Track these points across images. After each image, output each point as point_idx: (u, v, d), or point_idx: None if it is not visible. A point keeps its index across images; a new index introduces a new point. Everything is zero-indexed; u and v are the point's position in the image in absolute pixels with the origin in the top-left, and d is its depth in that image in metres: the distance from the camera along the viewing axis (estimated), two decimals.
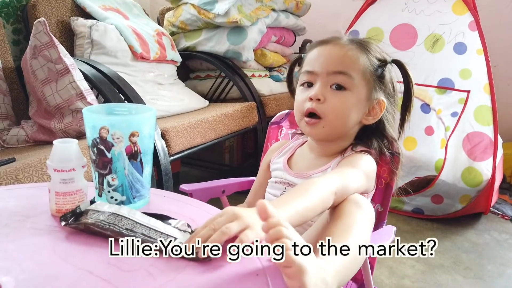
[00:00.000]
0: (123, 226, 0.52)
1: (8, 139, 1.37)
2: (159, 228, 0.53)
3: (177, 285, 0.43)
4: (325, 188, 0.63)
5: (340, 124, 0.79)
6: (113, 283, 0.43)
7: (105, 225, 0.52)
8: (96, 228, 0.52)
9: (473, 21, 1.80)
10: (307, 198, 0.61)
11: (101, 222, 0.52)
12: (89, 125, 0.58)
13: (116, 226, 0.52)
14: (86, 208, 0.56)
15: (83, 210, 0.56)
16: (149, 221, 0.54)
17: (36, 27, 1.28)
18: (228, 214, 0.51)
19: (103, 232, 0.51)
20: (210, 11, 2.09)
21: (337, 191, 0.64)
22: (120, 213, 0.55)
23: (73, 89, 1.26)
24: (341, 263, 0.55)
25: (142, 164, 0.61)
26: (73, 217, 0.55)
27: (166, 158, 1.36)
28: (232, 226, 0.49)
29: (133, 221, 0.54)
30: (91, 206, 0.57)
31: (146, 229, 0.52)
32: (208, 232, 0.49)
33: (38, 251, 0.49)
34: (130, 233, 0.51)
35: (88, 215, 0.54)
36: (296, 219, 0.57)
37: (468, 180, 1.71)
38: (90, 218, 0.53)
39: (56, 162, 0.57)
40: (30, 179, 0.94)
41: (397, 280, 1.34)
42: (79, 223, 0.53)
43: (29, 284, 0.42)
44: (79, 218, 0.54)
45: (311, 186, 0.63)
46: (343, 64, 0.78)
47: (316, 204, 0.61)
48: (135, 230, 0.52)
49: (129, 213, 0.55)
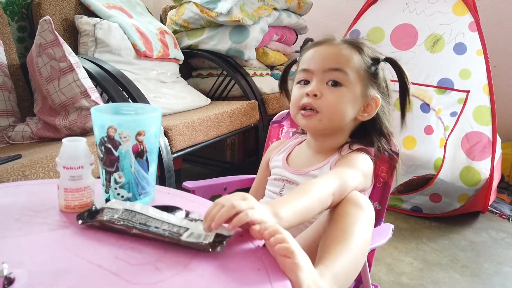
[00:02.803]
0: (137, 221, 0.54)
1: (13, 135, 1.39)
2: (172, 221, 0.55)
3: (183, 279, 0.45)
4: (323, 189, 0.66)
5: (336, 119, 0.81)
6: (121, 276, 0.45)
7: (119, 221, 0.54)
8: (110, 224, 0.54)
9: (473, 21, 1.81)
10: (306, 199, 0.63)
11: (115, 219, 0.55)
12: (97, 124, 0.60)
13: (130, 222, 0.54)
14: (101, 207, 0.58)
15: (98, 208, 0.58)
16: (161, 215, 0.57)
17: (42, 25, 1.30)
18: (238, 195, 0.55)
19: (118, 227, 0.53)
20: (213, 9, 2.11)
21: (335, 192, 0.66)
22: (134, 209, 0.57)
23: (78, 87, 1.28)
24: (340, 267, 0.57)
25: (147, 162, 0.63)
26: (89, 215, 0.57)
27: (168, 156, 1.38)
28: (242, 203, 0.52)
29: (146, 216, 0.56)
30: (106, 204, 0.59)
31: (159, 223, 0.55)
32: (218, 209, 0.52)
33: (49, 245, 0.51)
34: (144, 227, 0.53)
35: (104, 213, 0.56)
36: (295, 218, 0.59)
37: (466, 179, 1.72)
38: (105, 215, 0.56)
39: (65, 160, 0.59)
40: (36, 176, 0.96)
41: (395, 277, 1.37)
42: (94, 221, 0.55)
43: (41, 277, 0.44)
44: (95, 216, 0.56)
45: (310, 187, 0.65)
46: (338, 61, 0.80)
47: (315, 205, 0.63)
48: (149, 224, 0.54)
49: (142, 208, 0.57)
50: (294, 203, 0.61)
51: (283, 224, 0.55)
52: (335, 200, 0.67)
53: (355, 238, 0.62)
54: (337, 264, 0.57)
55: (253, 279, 0.46)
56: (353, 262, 0.60)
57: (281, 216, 0.57)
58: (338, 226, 0.64)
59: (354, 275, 0.61)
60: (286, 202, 0.61)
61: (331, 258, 0.58)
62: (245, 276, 0.46)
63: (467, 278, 1.38)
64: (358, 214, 0.65)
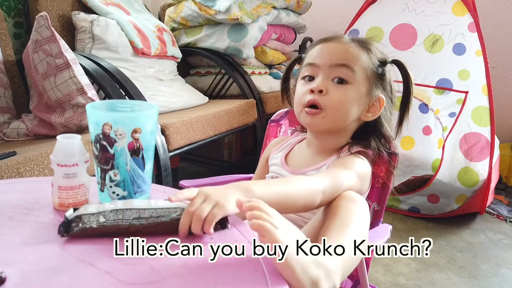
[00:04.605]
0: (130, 217, 0.52)
1: (9, 132, 1.38)
2: (163, 205, 0.54)
3: (178, 278, 0.44)
4: (311, 184, 0.65)
5: (341, 117, 0.80)
6: (115, 276, 0.44)
7: (112, 223, 0.51)
8: (104, 230, 0.51)
9: (473, 22, 1.81)
10: (288, 186, 0.63)
11: (106, 222, 0.51)
12: (92, 121, 0.59)
13: (124, 220, 0.52)
14: (76, 215, 0.52)
15: (70, 219, 0.52)
16: (149, 203, 0.54)
17: (38, 21, 1.28)
18: (200, 196, 0.53)
19: (112, 231, 0.51)
20: (211, 7, 2.10)
21: (326, 190, 0.66)
22: (118, 207, 0.53)
23: (74, 84, 1.26)
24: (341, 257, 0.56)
25: (143, 160, 0.62)
26: (65, 227, 0.52)
27: (165, 154, 1.37)
28: (204, 208, 0.51)
29: (136, 209, 0.53)
30: (80, 211, 0.53)
31: (152, 211, 0.53)
32: (187, 219, 0.51)
33: (42, 243, 0.50)
34: (142, 221, 0.52)
35: (84, 220, 0.51)
36: (269, 199, 0.57)
37: (464, 180, 1.72)
38: (89, 222, 0.51)
39: (60, 157, 0.58)
40: (31, 173, 0.95)
41: (392, 277, 1.36)
42: (82, 229, 0.51)
43: (33, 276, 0.43)
44: (70, 226, 0.51)
45: (296, 178, 0.65)
46: (346, 57, 0.79)
47: (296, 194, 0.63)
48: (143, 216, 0.52)
49: (126, 204, 0.54)
50: (273, 186, 0.62)
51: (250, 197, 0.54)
52: (326, 198, 0.66)
53: (353, 227, 0.61)
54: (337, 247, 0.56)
55: (250, 279, 0.45)
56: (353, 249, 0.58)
57: (253, 190, 0.57)
58: (334, 218, 0.63)
59: (357, 260, 0.60)
60: (264, 183, 0.61)
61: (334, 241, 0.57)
62: (242, 276, 0.46)
63: (464, 279, 1.37)
64: (352, 207, 0.65)
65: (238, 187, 0.57)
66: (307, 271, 0.47)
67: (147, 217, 0.52)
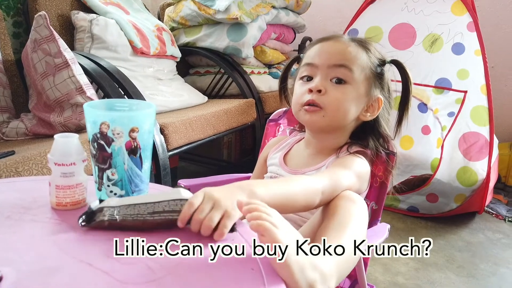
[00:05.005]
0: (145, 212, 0.52)
1: (8, 131, 1.38)
2: (172, 196, 0.54)
3: (175, 278, 0.44)
4: (311, 184, 0.65)
5: (340, 117, 0.80)
6: (112, 275, 0.44)
7: (128, 217, 0.52)
8: (121, 224, 0.52)
9: (472, 22, 1.81)
10: (288, 186, 0.63)
11: (124, 216, 0.53)
12: (90, 120, 0.59)
13: (139, 215, 0.52)
14: (98, 207, 0.55)
15: (94, 210, 0.55)
16: (158, 197, 0.54)
17: (37, 20, 1.28)
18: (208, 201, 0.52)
19: (129, 225, 0.52)
20: (211, 7, 2.10)
21: (325, 190, 0.66)
22: (131, 202, 0.54)
23: (73, 83, 1.26)
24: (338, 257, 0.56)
25: (141, 159, 0.62)
26: (88, 217, 0.54)
27: (164, 153, 1.37)
28: (213, 217, 0.51)
29: (151, 203, 0.53)
30: (104, 203, 0.55)
31: (165, 203, 0.53)
32: (196, 227, 0.51)
33: (39, 243, 0.50)
34: (156, 216, 0.52)
35: (104, 212, 0.53)
36: (272, 200, 0.58)
37: (463, 179, 1.72)
38: (109, 215, 0.53)
39: (57, 156, 0.58)
40: (29, 172, 0.95)
41: (391, 277, 1.36)
42: (101, 221, 0.53)
43: (30, 275, 0.43)
44: (93, 217, 0.54)
45: (296, 178, 0.65)
46: (344, 57, 0.79)
47: (296, 195, 0.63)
48: (157, 210, 0.52)
49: (135, 200, 0.55)
50: (273, 185, 0.61)
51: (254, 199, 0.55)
52: (325, 198, 0.66)
53: (351, 227, 0.61)
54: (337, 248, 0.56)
55: (247, 278, 0.45)
56: (352, 249, 0.58)
57: (256, 192, 0.57)
58: (332, 218, 0.63)
59: (354, 262, 0.60)
60: (264, 184, 0.61)
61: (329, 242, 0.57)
62: (239, 276, 0.46)
63: (463, 278, 1.38)
64: (351, 207, 0.65)
65: (242, 189, 0.57)
66: (305, 273, 0.47)
67: (160, 211, 0.53)
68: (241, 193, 0.56)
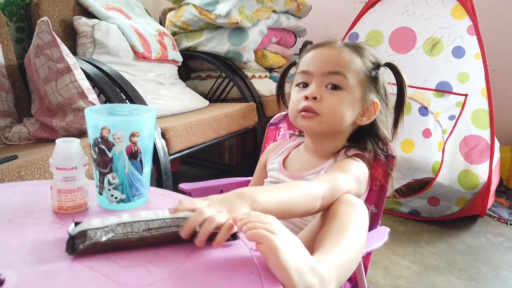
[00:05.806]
0: (140, 229, 0.50)
1: (10, 136, 1.39)
2: (171, 215, 0.53)
3: (174, 281, 0.45)
4: (311, 189, 0.65)
5: (336, 122, 0.81)
6: (112, 278, 0.45)
7: (122, 236, 0.49)
8: (114, 244, 0.49)
9: (472, 25, 1.81)
10: (290, 193, 0.63)
11: (116, 236, 0.49)
12: (91, 125, 0.60)
13: (134, 233, 0.50)
14: (80, 230, 0.49)
15: (73, 235, 0.49)
16: (156, 214, 0.53)
17: (39, 26, 1.29)
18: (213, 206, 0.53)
19: (123, 244, 0.50)
20: (212, 12, 2.11)
21: (325, 195, 0.66)
22: (124, 220, 0.51)
23: (75, 88, 1.27)
24: (340, 254, 0.56)
25: (142, 164, 0.62)
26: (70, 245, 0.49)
27: (166, 157, 1.37)
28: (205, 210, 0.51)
29: (144, 221, 0.51)
30: (83, 226, 0.50)
31: (161, 221, 0.51)
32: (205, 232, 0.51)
33: (40, 246, 0.51)
34: (154, 232, 0.50)
35: (90, 236, 0.49)
36: (274, 208, 0.59)
37: (464, 182, 1.72)
38: (97, 237, 0.48)
39: (59, 161, 0.59)
40: (32, 177, 0.96)
41: (392, 280, 1.36)
42: (91, 245, 0.48)
43: (31, 278, 0.44)
44: (75, 243, 0.48)
45: (297, 184, 0.65)
46: (338, 64, 0.80)
47: (298, 201, 0.63)
48: (152, 227, 0.51)
49: (133, 217, 0.52)
50: (275, 192, 0.62)
51: (256, 208, 0.55)
52: (325, 203, 0.67)
53: (351, 232, 0.61)
54: (336, 252, 0.56)
55: (245, 281, 0.46)
56: (351, 254, 0.58)
57: (259, 200, 0.57)
58: (333, 223, 0.63)
59: (354, 266, 0.60)
60: (267, 191, 0.61)
61: (330, 248, 0.57)
62: (237, 279, 0.46)
63: (465, 282, 1.37)
64: (351, 212, 0.65)
65: (243, 197, 0.57)
66: (304, 278, 0.47)
67: (156, 227, 0.51)
68: (243, 202, 0.56)
